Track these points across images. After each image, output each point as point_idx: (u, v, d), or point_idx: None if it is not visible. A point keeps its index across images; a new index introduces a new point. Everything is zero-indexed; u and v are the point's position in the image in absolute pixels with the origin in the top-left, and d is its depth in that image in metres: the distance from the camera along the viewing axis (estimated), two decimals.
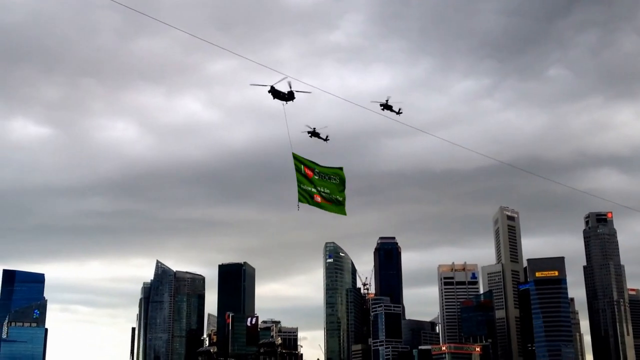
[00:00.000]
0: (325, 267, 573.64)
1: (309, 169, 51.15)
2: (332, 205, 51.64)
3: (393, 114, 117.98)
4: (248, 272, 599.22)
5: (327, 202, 51.38)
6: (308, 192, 50.78)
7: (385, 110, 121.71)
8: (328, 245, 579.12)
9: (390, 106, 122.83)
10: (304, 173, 50.76)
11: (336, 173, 52.21)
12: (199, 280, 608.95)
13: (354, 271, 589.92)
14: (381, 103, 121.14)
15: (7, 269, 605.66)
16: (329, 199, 51.56)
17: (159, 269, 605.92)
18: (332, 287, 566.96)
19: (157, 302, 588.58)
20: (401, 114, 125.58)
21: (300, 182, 50.53)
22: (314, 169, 51.29)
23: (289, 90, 68.97)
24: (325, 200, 51.27)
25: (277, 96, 69.14)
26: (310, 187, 50.87)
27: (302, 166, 50.88)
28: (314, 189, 50.96)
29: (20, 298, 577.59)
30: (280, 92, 68.88)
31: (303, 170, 50.81)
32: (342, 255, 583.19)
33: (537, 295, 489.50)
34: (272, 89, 68.66)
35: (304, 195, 50.61)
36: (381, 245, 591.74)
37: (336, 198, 51.87)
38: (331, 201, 51.69)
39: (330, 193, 51.65)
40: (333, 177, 52.00)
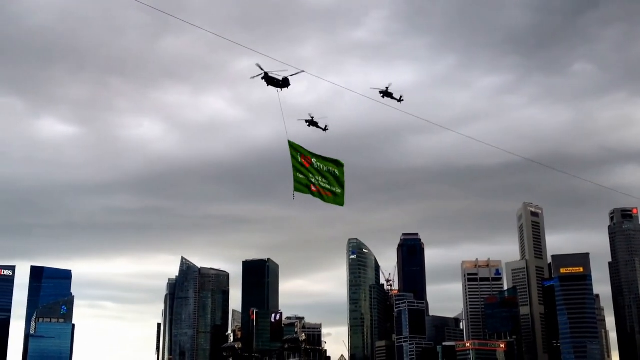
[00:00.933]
0: (349, 264, 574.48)
1: (306, 158, 49.08)
2: (330, 196, 49.46)
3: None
4: (272, 268, 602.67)
5: (325, 193, 49.35)
6: (304, 181, 48.68)
7: (385, 97, 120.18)
8: (351, 242, 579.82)
9: (391, 93, 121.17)
10: (300, 162, 48.68)
11: (335, 164, 50.10)
12: (224, 276, 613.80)
13: (378, 267, 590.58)
14: (381, 90, 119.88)
15: (35, 266, 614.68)
16: (327, 189, 49.48)
17: (184, 265, 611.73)
18: (355, 284, 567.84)
19: (182, 299, 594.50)
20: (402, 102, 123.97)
21: (296, 170, 48.43)
22: (312, 158, 49.20)
23: (283, 77, 67.58)
24: (323, 190, 49.24)
25: (271, 83, 67.79)
26: (308, 176, 48.79)
27: (299, 155, 48.81)
28: (312, 179, 48.87)
29: (47, 294, 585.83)
30: (274, 79, 67.65)
31: (300, 158, 48.74)
32: (366, 251, 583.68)
33: (561, 292, 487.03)
34: (266, 76, 67.32)
35: (300, 184, 48.45)
36: (404, 242, 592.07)
37: (334, 189, 49.72)
38: (329, 192, 49.53)
39: (328, 183, 49.55)
40: (332, 168, 49.89)
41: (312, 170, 48.78)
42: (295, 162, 48.23)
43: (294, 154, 48.29)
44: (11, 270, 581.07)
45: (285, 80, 67.57)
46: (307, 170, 48.59)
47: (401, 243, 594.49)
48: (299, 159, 48.40)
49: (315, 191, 48.78)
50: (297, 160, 48.32)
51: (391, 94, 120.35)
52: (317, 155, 49.47)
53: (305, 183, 48.41)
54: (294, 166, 48.08)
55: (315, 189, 48.76)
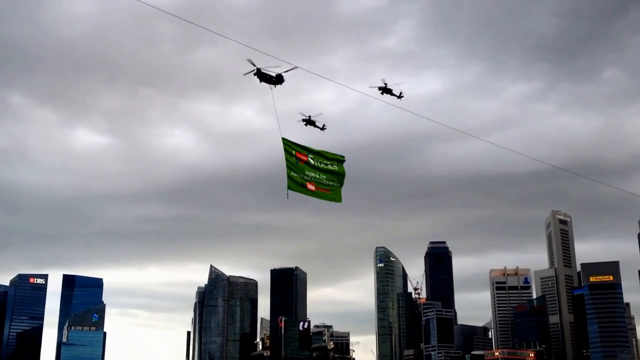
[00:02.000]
0: (376, 272, 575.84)
1: (302, 154, 46.93)
2: (328, 192, 47.60)
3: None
4: (300, 276, 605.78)
5: (322, 190, 47.25)
6: (299, 179, 46.37)
7: (384, 94, 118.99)
8: (378, 250, 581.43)
9: (390, 90, 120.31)
10: (295, 159, 46.49)
11: (335, 159, 48.24)
12: (252, 284, 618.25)
13: (405, 276, 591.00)
14: (380, 87, 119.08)
15: (67, 274, 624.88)
16: (325, 185, 47.44)
17: (212, 273, 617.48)
18: (383, 292, 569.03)
19: (212, 307, 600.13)
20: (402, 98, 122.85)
21: (290, 168, 46.14)
22: (308, 154, 47.15)
23: (277, 74, 65.34)
24: (320, 187, 47.13)
25: (264, 79, 65.53)
26: (303, 174, 46.57)
27: (294, 151, 46.62)
28: (307, 176, 46.68)
29: (79, 302, 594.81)
30: (267, 75, 65.35)
31: (295, 155, 46.55)
32: (393, 259, 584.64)
33: (591, 300, 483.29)
34: (259, 72, 65.21)
35: (295, 182, 46.15)
36: (432, 250, 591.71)
37: (332, 185, 47.80)
38: (327, 188, 47.56)
39: (327, 179, 47.50)
40: (330, 163, 47.87)
41: (308, 168, 46.94)
42: (290, 159, 46.41)
43: (288, 151, 46.53)
44: (44, 279, 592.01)
45: (279, 76, 65.88)
46: (302, 167, 46.70)
47: (428, 251, 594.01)
48: (293, 156, 46.61)
49: (312, 190, 46.92)
50: (291, 157, 46.53)
51: (390, 90, 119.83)
52: (315, 150, 47.83)
53: (300, 181, 46.46)
54: (288, 164, 46.28)
55: (312, 187, 46.91)
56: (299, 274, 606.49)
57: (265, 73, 65.55)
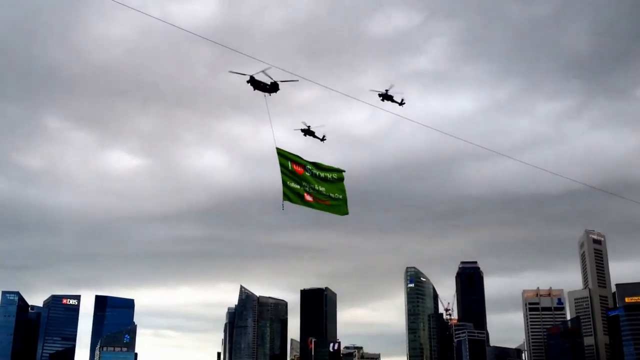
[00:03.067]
0: (407, 292, 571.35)
1: (298, 165, 44.65)
2: (328, 205, 44.98)
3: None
4: (329, 297, 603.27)
5: (322, 201, 44.73)
6: (296, 190, 43.99)
7: (385, 101, 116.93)
8: (409, 270, 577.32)
9: (391, 96, 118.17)
10: (291, 169, 44.24)
11: (334, 171, 45.99)
12: (282, 305, 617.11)
13: (436, 296, 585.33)
14: (380, 93, 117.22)
15: (100, 295, 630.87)
16: (324, 197, 44.83)
17: (242, 294, 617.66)
18: (413, 313, 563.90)
19: (242, 327, 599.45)
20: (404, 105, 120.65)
21: (286, 179, 43.84)
22: (305, 165, 44.88)
23: (272, 81, 62.67)
24: (318, 199, 44.58)
25: (257, 87, 63.00)
26: (299, 185, 44.21)
27: (289, 162, 44.43)
28: (305, 187, 44.37)
29: (111, 323, 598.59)
30: (260, 83, 62.75)
31: (290, 166, 44.31)
32: (423, 280, 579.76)
33: (627, 322, 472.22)
34: (252, 79, 62.73)
35: (291, 193, 43.84)
36: (462, 270, 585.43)
37: (335, 196, 45.26)
38: (327, 199, 44.95)
39: (326, 191, 44.95)
40: (330, 176, 45.58)
41: (305, 178, 44.65)
42: (285, 171, 44.19)
43: (283, 162, 44.39)
44: (76, 300, 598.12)
45: (274, 85, 63.39)
46: (299, 178, 44.34)
47: (459, 271, 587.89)
48: (289, 167, 44.35)
49: (311, 201, 44.51)
50: (287, 168, 44.29)
51: (391, 97, 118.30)
52: (313, 162, 45.56)
53: (296, 193, 44.07)
54: (283, 175, 44.01)
55: (310, 199, 44.49)
56: (329, 294, 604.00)
57: (258, 81, 63.48)
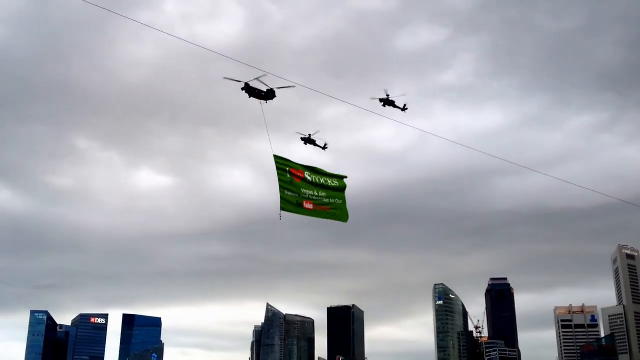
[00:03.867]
0: (435, 310, 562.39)
1: (298, 171, 43.75)
2: (328, 211, 44.06)
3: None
4: (357, 315, 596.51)
5: (322, 208, 43.72)
6: (295, 198, 42.96)
7: (386, 106, 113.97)
8: (437, 287, 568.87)
9: (393, 102, 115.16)
10: (289, 177, 43.33)
11: (335, 177, 45.17)
12: (309, 323, 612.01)
13: (465, 313, 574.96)
14: (381, 99, 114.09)
15: (127, 314, 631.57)
16: (325, 203, 43.91)
17: (269, 312, 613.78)
18: (443, 330, 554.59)
19: (269, 346, 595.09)
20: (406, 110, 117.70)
21: (284, 187, 42.85)
22: (304, 171, 43.97)
23: (268, 89, 61.71)
24: (318, 206, 43.60)
25: (253, 94, 62.10)
26: (298, 192, 43.24)
27: (288, 168, 43.54)
28: (304, 194, 43.36)
29: (139, 342, 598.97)
30: (256, 90, 61.90)
31: (289, 173, 43.45)
32: (452, 297, 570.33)
33: None
34: (247, 87, 62.06)
35: (289, 202, 42.73)
36: (492, 287, 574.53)
37: (335, 202, 44.49)
38: (327, 206, 44.04)
39: (327, 197, 44.05)
40: (331, 183, 44.65)
41: (305, 185, 43.71)
42: (283, 178, 43.28)
43: (281, 169, 43.49)
44: (104, 319, 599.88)
45: (270, 92, 62.46)
46: (298, 185, 43.50)
47: (489, 288, 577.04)
48: (287, 175, 43.47)
49: (310, 208, 43.56)
50: (285, 175, 43.42)
51: (393, 102, 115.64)
52: (313, 168, 44.72)
53: (295, 201, 43.03)
54: (281, 183, 43.06)
55: (310, 206, 43.51)
56: (356, 312, 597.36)
57: (254, 88, 62.70)
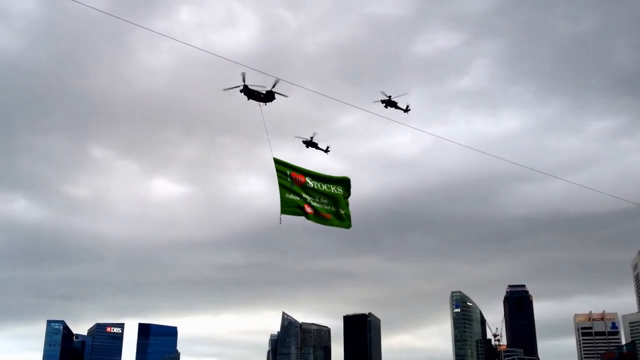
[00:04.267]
0: (453, 317, 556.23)
1: (299, 175, 42.51)
2: (331, 218, 42.45)
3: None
4: (373, 323, 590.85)
5: (324, 215, 42.28)
6: (295, 201, 41.71)
7: (388, 107, 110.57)
8: (454, 295, 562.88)
9: (395, 103, 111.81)
10: (290, 180, 42.16)
11: (339, 182, 43.40)
12: (325, 331, 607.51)
13: (483, 321, 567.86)
14: (382, 100, 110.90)
15: (143, 323, 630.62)
16: (327, 210, 42.38)
17: (285, 320, 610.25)
18: (460, 339, 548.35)
19: (284, 355, 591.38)
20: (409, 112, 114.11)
21: (284, 190, 41.72)
22: (305, 176, 42.65)
23: (267, 90, 60.02)
24: (319, 212, 42.09)
25: (251, 96, 60.39)
26: (299, 196, 41.93)
27: (289, 171, 42.41)
28: (305, 198, 42.06)
29: (155, 351, 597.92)
30: (254, 92, 59.98)
31: (289, 176, 42.30)
32: (470, 304, 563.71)
33: None
34: (246, 89, 60.49)
35: (290, 205, 41.51)
36: (510, 294, 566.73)
37: (337, 209, 42.80)
38: (330, 213, 42.49)
39: (329, 203, 42.52)
40: (334, 187, 43.03)
41: (306, 190, 42.49)
42: (284, 181, 42.24)
43: (281, 170, 42.53)
44: (120, 328, 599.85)
45: (270, 93, 60.90)
46: (299, 189, 42.35)
47: (507, 295, 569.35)
48: (288, 177, 42.39)
49: (311, 213, 42.18)
50: (285, 178, 42.38)
51: (395, 103, 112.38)
52: (315, 172, 43.38)
53: (296, 203, 41.83)
54: (281, 185, 42.08)
55: (310, 211, 42.12)
56: (373, 320, 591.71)
57: (253, 90, 61.10)
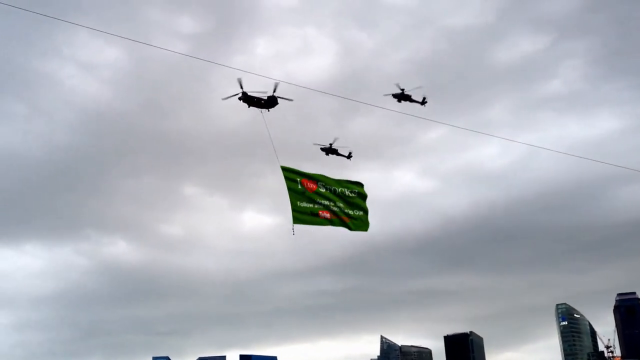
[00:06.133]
0: (560, 331, 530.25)
1: (310, 181, 40.50)
2: (347, 221, 40.56)
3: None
4: (476, 341, 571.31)
5: (342, 218, 40.28)
6: (309, 209, 39.91)
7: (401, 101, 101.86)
8: (559, 307, 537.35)
9: (409, 96, 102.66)
10: (301, 188, 40.22)
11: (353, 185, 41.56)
12: (426, 353, 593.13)
13: (594, 333, 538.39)
14: (394, 94, 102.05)
15: (244, 354, 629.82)
16: (344, 213, 40.41)
17: (384, 344, 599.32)
18: (570, 352, 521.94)
19: None
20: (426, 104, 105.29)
21: (295, 200, 39.76)
22: (318, 181, 40.70)
23: (269, 96, 57.45)
24: (336, 215, 40.18)
25: (252, 103, 58.01)
26: (313, 203, 40.15)
27: (299, 178, 40.38)
28: (319, 204, 40.29)
29: None
30: (254, 98, 57.62)
31: (300, 184, 40.28)
32: (577, 316, 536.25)
33: None
34: (245, 96, 58.16)
35: (302, 213, 39.74)
36: (620, 303, 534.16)
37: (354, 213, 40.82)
38: (346, 216, 40.56)
39: (345, 207, 40.61)
40: (348, 192, 41.27)
41: (319, 195, 40.87)
42: (294, 189, 40.31)
43: (291, 178, 40.48)
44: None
45: (271, 99, 58.34)
46: (311, 195, 40.64)
47: (617, 304, 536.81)
48: (299, 185, 40.48)
49: (326, 218, 40.62)
50: (296, 186, 40.42)
51: (409, 97, 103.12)
52: (327, 177, 41.54)
53: (309, 211, 40.14)
54: (291, 193, 40.08)
55: (326, 215, 40.56)
56: (475, 338, 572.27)
57: (252, 97, 59.40)
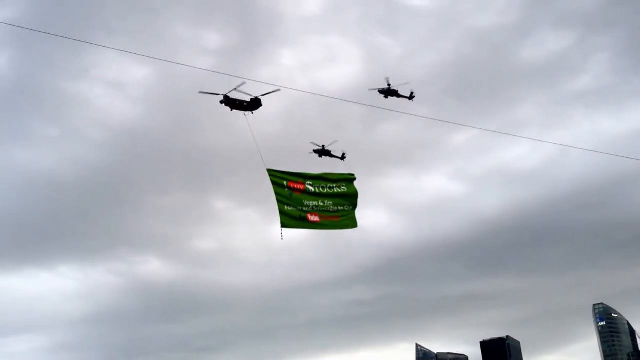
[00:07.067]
0: (598, 332, 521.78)
1: (297, 183, 40.51)
2: (338, 220, 41.01)
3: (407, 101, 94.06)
4: (513, 346, 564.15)
5: (330, 219, 40.63)
6: (297, 212, 40.05)
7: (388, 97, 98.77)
8: (597, 307, 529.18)
9: (396, 91, 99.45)
10: (287, 191, 40.45)
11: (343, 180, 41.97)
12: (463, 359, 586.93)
13: (633, 332, 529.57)
14: (380, 89, 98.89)
15: None
16: (333, 212, 40.72)
17: (419, 352, 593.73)
18: (610, 353, 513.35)
19: None
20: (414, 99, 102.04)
21: (282, 203, 39.98)
22: (305, 182, 40.86)
23: (252, 98, 56.12)
24: (326, 217, 40.49)
25: (234, 106, 56.48)
26: (300, 206, 40.23)
27: (285, 181, 40.59)
28: (307, 207, 40.36)
29: None
30: (236, 101, 56.16)
31: (287, 186, 40.57)
32: (615, 316, 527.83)
33: None
34: (226, 99, 56.00)
35: (290, 217, 39.86)
36: None
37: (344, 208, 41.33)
38: (336, 214, 40.96)
39: (334, 205, 41.02)
40: (337, 185, 41.66)
41: (307, 197, 41.23)
42: (281, 192, 40.84)
43: (277, 183, 40.99)
44: None
45: (255, 101, 57.00)
46: (298, 198, 40.98)
47: None
48: (285, 188, 41.00)
49: (317, 221, 40.94)
50: (283, 189, 40.95)
51: (396, 92, 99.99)
52: (315, 175, 41.79)
53: (297, 215, 40.51)
54: (278, 197, 40.72)
55: (315, 218, 40.83)
56: (512, 343, 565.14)
57: (234, 99, 57.70)
